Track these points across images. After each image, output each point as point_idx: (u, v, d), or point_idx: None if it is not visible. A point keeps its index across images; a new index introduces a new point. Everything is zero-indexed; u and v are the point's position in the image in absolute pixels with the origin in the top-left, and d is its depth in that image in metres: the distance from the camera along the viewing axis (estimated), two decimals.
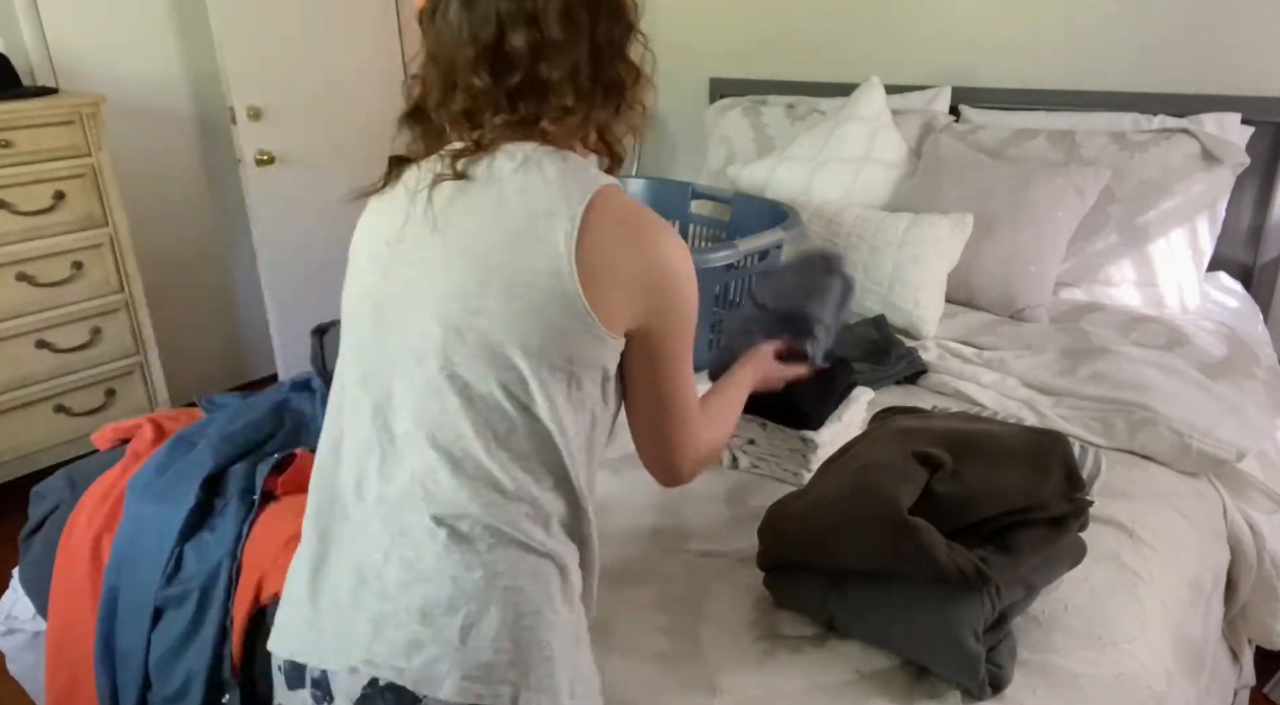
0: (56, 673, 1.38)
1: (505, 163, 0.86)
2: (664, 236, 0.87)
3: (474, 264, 0.83)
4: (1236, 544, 1.43)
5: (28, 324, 2.40)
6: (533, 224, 0.82)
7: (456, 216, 0.85)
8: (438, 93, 0.88)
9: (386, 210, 0.91)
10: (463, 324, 0.82)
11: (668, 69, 3.12)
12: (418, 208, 0.88)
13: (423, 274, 0.85)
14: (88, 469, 1.49)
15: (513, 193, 0.84)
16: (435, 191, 0.86)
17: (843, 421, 1.43)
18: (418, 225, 0.87)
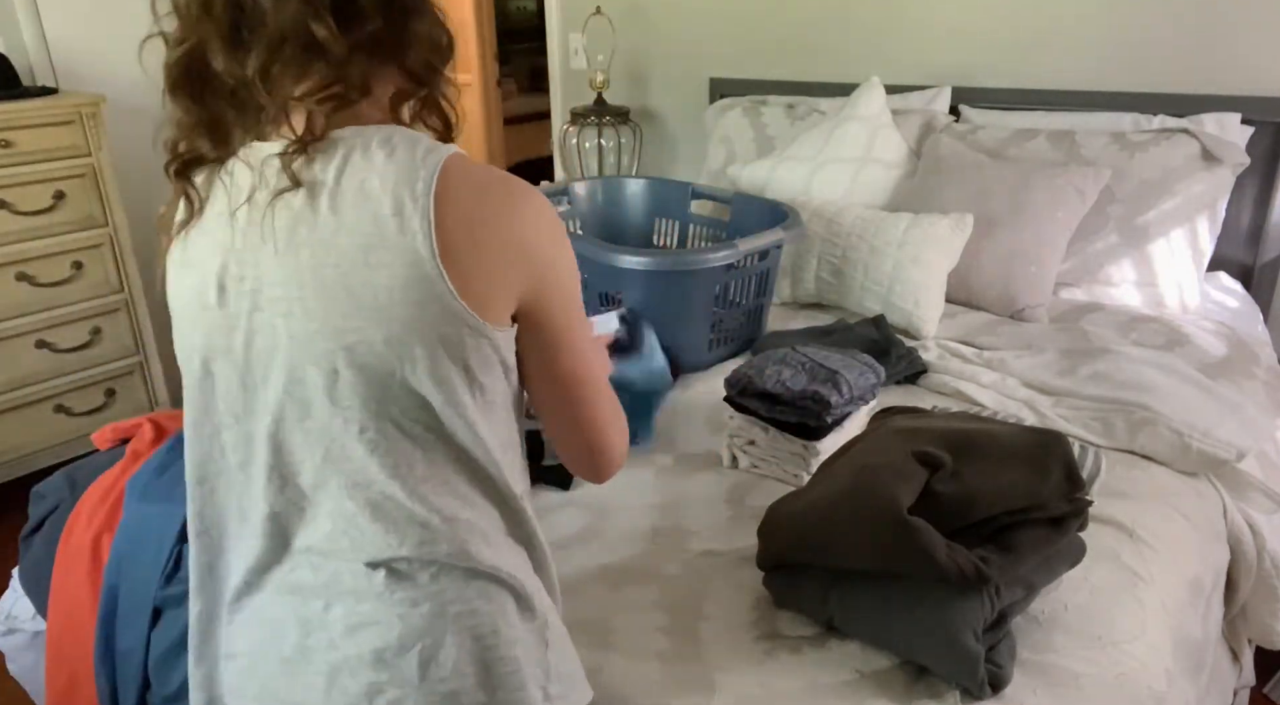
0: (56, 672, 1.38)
1: (328, 160, 0.74)
2: (528, 201, 0.77)
3: (331, 291, 0.73)
4: (1236, 544, 1.43)
5: (28, 324, 2.40)
6: (382, 230, 0.71)
7: (300, 238, 0.73)
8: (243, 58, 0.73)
9: (205, 244, 0.78)
10: (341, 362, 0.73)
11: (668, 69, 3.12)
12: (248, 235, 0.75)
13: (278, 314, 0.75)
14: (88, 469, 1.49)
15: (350, 197, 0.73)
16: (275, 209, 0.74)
17: (845, 428, 1.43)
18: (254, 254, 0.75)
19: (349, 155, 0.74)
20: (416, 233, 0.71)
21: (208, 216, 0.79)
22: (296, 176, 0.73)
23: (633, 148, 3.17)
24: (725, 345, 1.87)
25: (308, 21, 0.71)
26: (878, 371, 1.49)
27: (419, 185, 0.72)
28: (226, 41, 0.74)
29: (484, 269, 0.74)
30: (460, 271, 0.72)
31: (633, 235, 2.32)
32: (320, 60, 0.73)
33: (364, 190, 0.72)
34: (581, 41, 3.25)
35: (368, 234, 0.72)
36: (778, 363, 1.45)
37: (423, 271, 0.71)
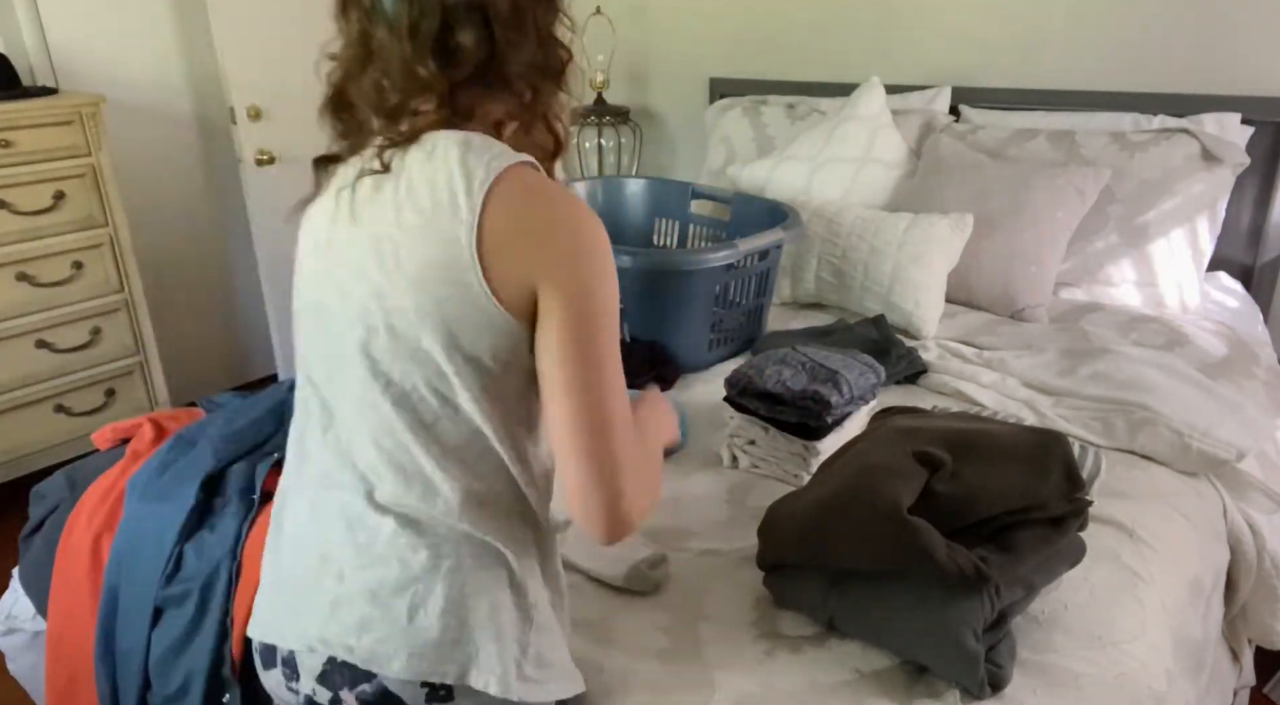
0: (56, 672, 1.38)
1: (417, 152, 0.84)
2: (575, 210, 0.83)
3: (384, 260, 0.82)
4: (1236, 544, 1.43)
5: (28, 324, 2.40)
6: (435, 213, 0.80)
7: (371, 211, 0.85)
8: (367, 82, 0.86)
9: (318, 214, 0.91)
10: (381, 323, 0.83)
11: (668, 69, 3.13)
12: (342, 206, 0.87)
13: (349, 275, 0.85)
14: (88, 469, 1.49)
15: (419, 182, 0.82)
16: (357, 186, 0.86)
17: (845, 428, 1.43)
18: (343, 224, 0.87)
19: (432, 151, 0.83)
20: (463, 222, 0.79)
21: (325, 194, 0.91)
22: (386, 163, 0.84)
23: (633, 148, 3.17)
24: (725, 345, 1.87)
25: (413, 64, 0.82)
26: (878, 371, 1.49)
27: (475, 182, 0.80)
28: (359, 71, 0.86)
29: (516, 266, 0.79)
30: (494, 265, 0.79)
31: (633, 235, 2.33)
32: (425, 91, 0.83)
33: (433, 180, 0.81)
34: (581, 41, 3.25)
35: (425, 216, 0.81)
36: (778, 363, 1.45)
37: (460, 256, 0.79)
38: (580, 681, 0.92)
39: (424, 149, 0.84)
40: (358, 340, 0.84)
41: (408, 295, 0.81)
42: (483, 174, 0.80)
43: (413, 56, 0.82)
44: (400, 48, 0.82)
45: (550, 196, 0.83)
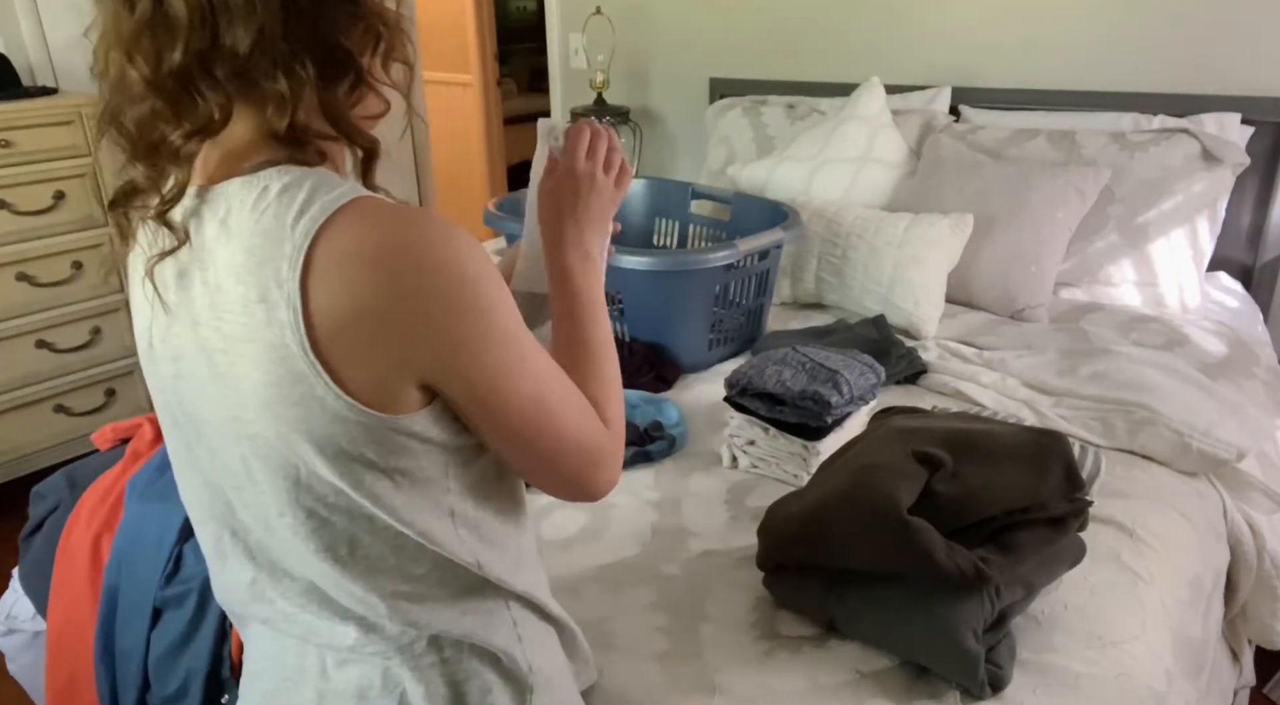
0: (56, 672, 1.38)
1: (209, 219, 0.65)
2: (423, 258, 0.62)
3: (224, 380, 0.66)
4: (1236, 544, 1.43)
5: (28, 324, 2.40)
6: (252, 320, 0.62)
7: (194, 313, 0.66)
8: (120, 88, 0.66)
9: (137, 296, 0.73)
10: (247, 450, 0.68)
11: (668, 69, 3.12)
12: (152, 296, 0.69)
13: (194, 390, 0.69)
14: (88, 469, 1.48)
15: (224, 273, 0.64)
16: (158, 272, 0.67)
17: (845, 428, 1.43)
18: (160, 323, 0.70)
19: (227, 217, 0.64)
20: (284, 325, 0.61)
21: (137, 262, 0.72)
22: (179, 231, 0.65)
23: (633, 148, 3.17)
24: (725, 345, 1.87)
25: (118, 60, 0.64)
26: (878, 372, 1.49)
27: (284, 266, 0.61)
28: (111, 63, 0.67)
29: (373, 361, 0.63)
30: (345, 364, 0.62)
31: (633, 235, 2.33)
32: (139, 102, 0.64)
33: (234, 268, 0.63)
34: (581, 41, 3.25)
35: (241, 324, 0.63)
36: (778, 363, 1.45)
37: (296, 369, 0.62)
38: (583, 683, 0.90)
39: (219, 212, 0.65)
40: (237, 467, 0.70)
41: (264, 421, 0.65)
42: (291, 247, 0.61)
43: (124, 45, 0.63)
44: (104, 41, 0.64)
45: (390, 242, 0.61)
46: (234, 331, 0.64)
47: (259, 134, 0.66)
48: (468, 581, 0.76)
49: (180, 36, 0.61)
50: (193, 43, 0.61)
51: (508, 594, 0.79)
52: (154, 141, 0.65)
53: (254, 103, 0.64)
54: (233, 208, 0.64)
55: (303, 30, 0.63)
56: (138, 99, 0.64)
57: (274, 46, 0.62)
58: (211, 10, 0.61)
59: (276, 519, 0.70)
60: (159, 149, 0.65)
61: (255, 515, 0.72)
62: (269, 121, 0.64)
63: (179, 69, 0.62)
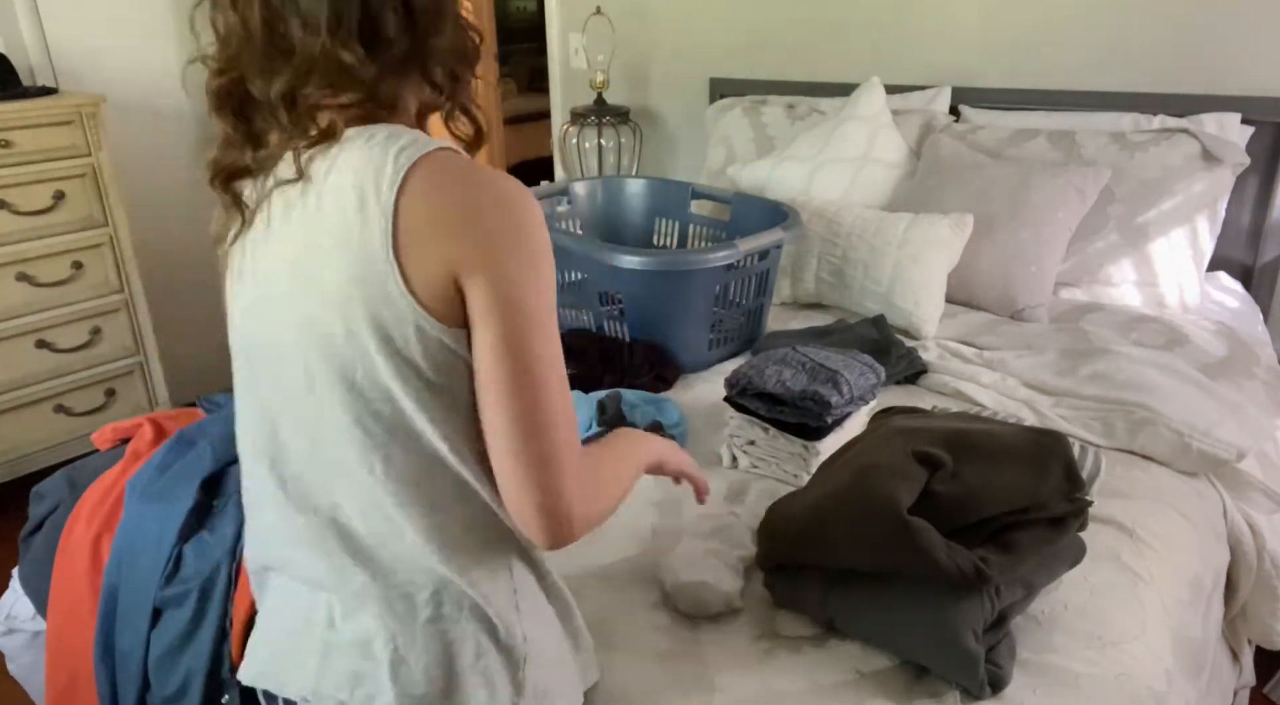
0: (56, 672, 1.38)
1: (322, 160, 0.77)
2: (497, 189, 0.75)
3: (307, 283, 0.77)
4: (1236, 544, 1.43)
5: (28, 324, 2.40)
6: (349, 225, 0.74)
7: (285, 231, 0.79)
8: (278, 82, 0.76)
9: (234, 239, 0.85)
10: (314, 353, 0.77)
11: (668, 69, 3.12)
12: (256, 230, 0.81)
13: (276, 306, 0.80)
14: (88, 469, 1.49)
15: (331, 192, 0.76)
16: (270, 203, 0.80)
17: (845, 428, 1.43)
18: (259, 248, 0.81)
19: (340, 152, 0.76)
20: (375, 228, 0.73)
21: (235, 216, 0.83)
22: (303, 169, 0.77)
23: (633, 148, 3.17)
24: (725, 345, 1.87)
25: (337, 51, 0.75)
26: (878, 372, 1.49)
27: (385, 181, 0.73)
28: (263, 68, 0.77)
29: (430, 262, 0.73)
30: (415, 265, 0.73)
31: (633, 235, 2.33)
32: (350, 83, 0.77)
33: (339, 186, 0.75)
34: (581, 41, 3.25)
35: (339, 230, 0.74)
36: (778, 363, 1.45)
37: (376, 266, 0.73)
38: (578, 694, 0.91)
39: (331, 156, 0.77)
40: (298, 377, 0.79)
41: (336, 319, 0.75)
42: (392, 169, 0.73)
43: (335, 47, 0.75)
44: (320, 40, 0.75)
45: (470, 178, 0.75)
46: (328, 242, 0.75)
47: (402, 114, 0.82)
48: (486, 526, 0.81)
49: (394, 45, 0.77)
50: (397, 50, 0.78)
51: (511, 552, 0.84)
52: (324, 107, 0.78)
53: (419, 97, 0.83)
54: (345, 145, 0.76)
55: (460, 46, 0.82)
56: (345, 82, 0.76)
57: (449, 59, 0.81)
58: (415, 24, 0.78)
59: (324, 428, 0.78)
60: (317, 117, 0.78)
61: (301, 432, 0.80)
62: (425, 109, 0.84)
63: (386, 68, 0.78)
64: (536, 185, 2.36)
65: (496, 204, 0.75)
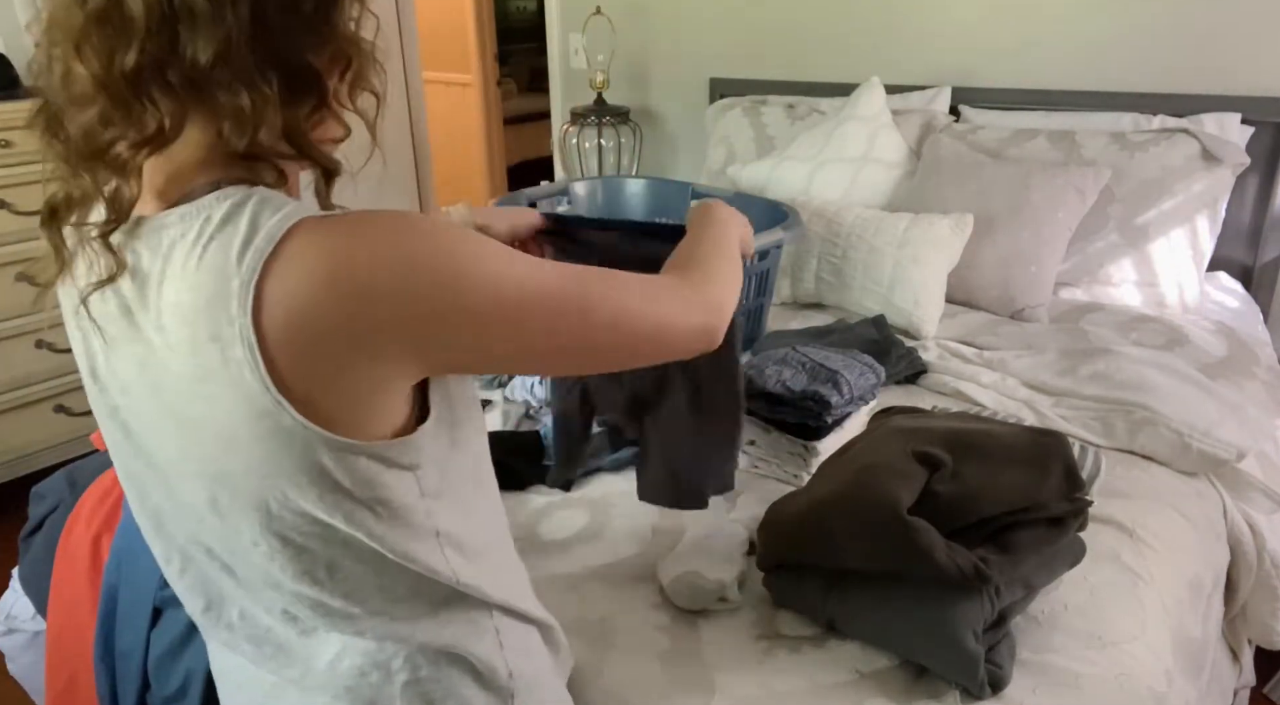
0: (56, 672, 1.38)
1: (150, 254, 0.61)
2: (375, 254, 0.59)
3: (179, 421, 0.63)
4: (1236, 544, 1.43)
5: (28, 324, 2.40)
6: (205, 360, 0.59)
7: (138, 352, 0.64)
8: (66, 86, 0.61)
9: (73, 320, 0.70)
10: (217, 487, 0.65)
11: (668, 69, 3.12)
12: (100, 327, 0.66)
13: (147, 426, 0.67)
14: (88, 469, 1.48)
15: (170, 312, 0.60)
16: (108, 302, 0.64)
17: (845, 428, 1.43)
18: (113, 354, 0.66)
19: (170, 253, 0.60)
20: (242, 363, 0.58)
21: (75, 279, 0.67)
22: (121, 258, 0.61)
23: (633, 148, 3.17)
24: None
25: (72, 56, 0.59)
26: (878, 372, 1.49)
27: (233, 303, 0.57)
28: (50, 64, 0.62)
29: (345, 376, 0.60)
30: (310, 389, 0.59)
31: None
32: (100, 98, 0.59)
33: (180, 308, 0.60)
34: (581, 41, 3.25)
35: (193, 363, 0.60)
36: (778, 363, 1.45)
37: (260, 405, 0.59)
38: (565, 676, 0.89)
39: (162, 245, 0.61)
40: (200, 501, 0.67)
41: (230, 459, 0.62)
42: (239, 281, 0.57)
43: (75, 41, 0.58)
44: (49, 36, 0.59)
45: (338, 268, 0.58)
46: (186, 371, 0.60)
47: (212, 150, 0.62)
48: (449, 594, 0.74)
49: (136, 37, 0.57)
50: (149, 46, 0.57)
51: (490, 604, 0.78)
52: (97, 148, 0.60)
53: (210, 116, 0.60)
54: (175, 243, 0.60)
55: (269, 46, 0.60)
56: (83, 101, 0.60)
57: (238, 60, 0.59)
58: (173, 13, 0.57)
59: (250, 548, 0.67)
60: (102, 157, 0.60)
61: (223, 545, 0.70)
62: (226, 138, 0.60)
63: (131, 71, 0.58)
64: (536, 185, 2.36)
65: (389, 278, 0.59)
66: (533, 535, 1.30)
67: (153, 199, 0.63)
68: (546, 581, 1.17)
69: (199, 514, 0.68)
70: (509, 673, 0.78)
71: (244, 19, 0.58)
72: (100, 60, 0.58)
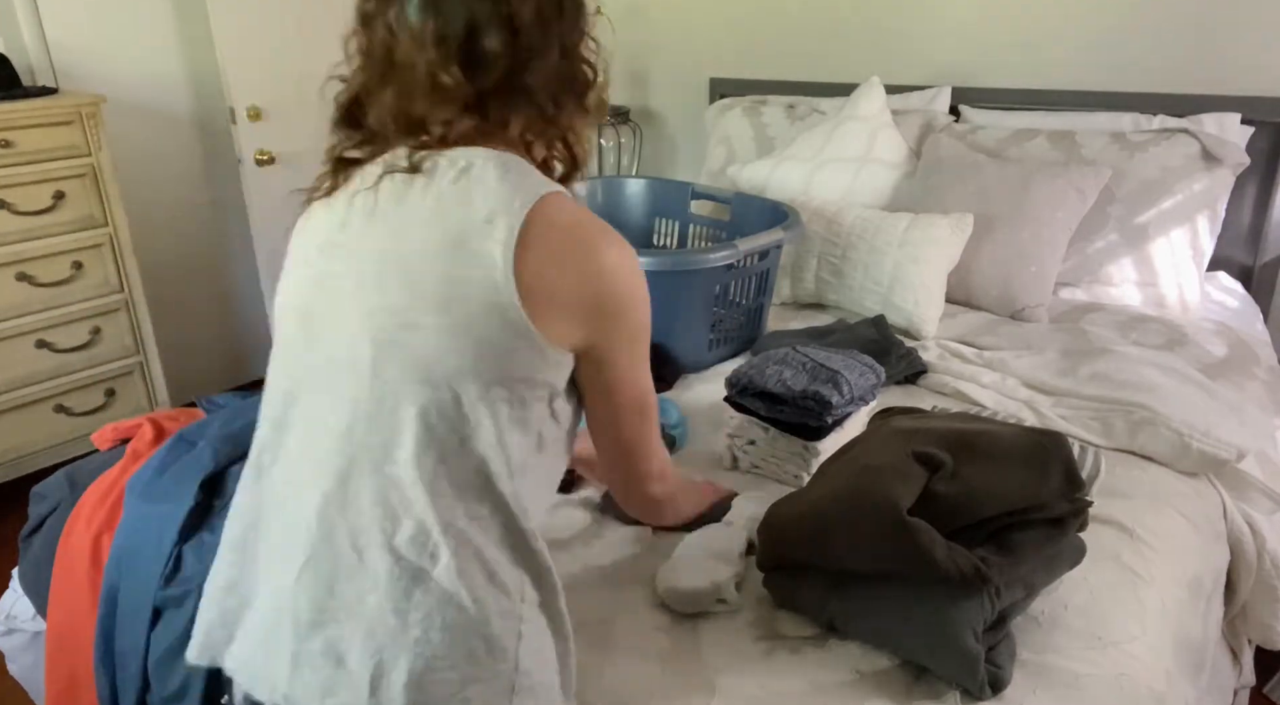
0: (56, 673, 1.38)
1: (448, 168, 0.83)
2: (610, 250, 0.84)
3: (405, 273, 0.79)
4: (1236, 544, 1.43)
5: (28, 324, 2.40)
6: (468, 233, 0.78)
7: (394, 219, 0.82)
8: (388, 96, 0.84)
9: (324, 213, 0.88)
10: (393, 340, 0.79)
11: (668, 69, 3.12)
12: (356, 208, 0.84)
13: (354, 284, 0.82)
14: (88, 469, 1.48)
15: (451, 198, 0.81)
16: (379, 189, 0.84)
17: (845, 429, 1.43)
18: (355, 229, 0.84)
19: (469, 167, 0.82)
20: (496, 243, 0.77)
21: (336, 196, 0.88)
22: (416, 164, 0.82)
23: (633, 148, 3.17)
24: (725, 345, 1.87)
25: (438, 72, 0.81)
26: (878, 372, 1.49)
27: (515, 205, 0.79)
28: (377, 85, 0.85)
29: (553, 303, 0.79)
30: (530, 294, 0.78)
31: (633, 235, 2.32)
32: (450, 103, 0.82)
33: (469, 196, 0.80)
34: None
35: (457, 231, 0.78)
36: (778, 363, 1.45)
37: (493, 277, 0.77)
38: None
39: (455, 164, 0.82)
40: (362, 358, 0.80)
41: (429, 313, 0.78)
42: (522, 199, 0.79)
43: (438, 63, 0.81)
44: (424, 55, 0.81)
45: (581, 231, 0.83)
46: (448, 236, 0.78)
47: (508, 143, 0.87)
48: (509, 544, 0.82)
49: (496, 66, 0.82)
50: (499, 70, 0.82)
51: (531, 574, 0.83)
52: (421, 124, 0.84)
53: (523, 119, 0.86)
54: (474, 163, 0.82)
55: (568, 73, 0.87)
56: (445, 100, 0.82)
57: (553, 84, 0.86)
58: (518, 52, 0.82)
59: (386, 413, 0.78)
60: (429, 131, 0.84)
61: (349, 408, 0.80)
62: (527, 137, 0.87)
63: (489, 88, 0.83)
64: None
65: (611, 277, 0.83)
66: None
67: None
68: None
69: (351, 373, 0.80)
70: (517, 666, 0.79)
71: (557, 54, 0.85)
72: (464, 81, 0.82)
